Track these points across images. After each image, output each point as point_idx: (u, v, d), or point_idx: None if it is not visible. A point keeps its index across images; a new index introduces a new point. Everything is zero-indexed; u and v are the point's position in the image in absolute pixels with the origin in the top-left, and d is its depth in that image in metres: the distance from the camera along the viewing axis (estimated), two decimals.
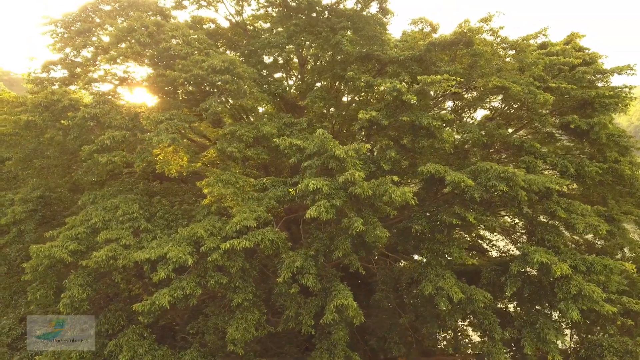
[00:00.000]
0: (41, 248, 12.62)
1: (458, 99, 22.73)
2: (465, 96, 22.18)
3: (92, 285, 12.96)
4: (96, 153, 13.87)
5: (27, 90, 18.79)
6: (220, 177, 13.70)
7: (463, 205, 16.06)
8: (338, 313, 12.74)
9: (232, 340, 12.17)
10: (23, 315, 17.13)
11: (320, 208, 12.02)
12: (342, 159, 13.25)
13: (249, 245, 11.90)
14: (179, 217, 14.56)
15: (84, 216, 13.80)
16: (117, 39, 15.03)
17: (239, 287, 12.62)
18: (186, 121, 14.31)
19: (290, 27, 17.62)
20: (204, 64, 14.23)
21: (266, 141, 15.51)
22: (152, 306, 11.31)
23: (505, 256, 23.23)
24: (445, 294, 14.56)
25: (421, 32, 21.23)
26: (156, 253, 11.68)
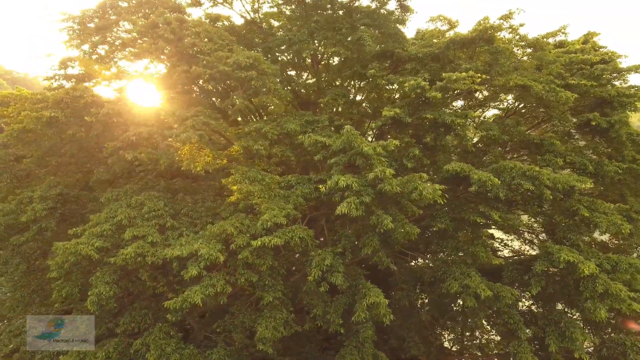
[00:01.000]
0: (67, 245, 12.48)
1: (470, 98, 22.65)
2: (476, 95, 22.07)
3: (118, 282, 12.82)
4: (122, 150, 13.73)
5: (45, 87, 18.66)
6: (247, 175, 13.58)
7: (487, 204, 15.96)
8: (368, 311, 12.61)
9: (262, 339, 12.04)
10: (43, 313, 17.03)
11: (351, 205, 11.92)
12: (370, 155, 13.13)
13: (280, 243, 11.78)
14: (203, 215, 14.42)
15: (108, 213, 13.66)
16: (141, 35, 14.90)
17: (268, 285, 12.50)
18: (211, 118, 14.17)
19: (311, 24, 17.50)
20: (229, 60, 14.11)
21: (289, 138, 15.40)
22: (184, 303, 11.18)
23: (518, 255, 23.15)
24: (472, 291, 14.46)
25: (438, 30, 21.14)
26: (187, 250, 11.56)
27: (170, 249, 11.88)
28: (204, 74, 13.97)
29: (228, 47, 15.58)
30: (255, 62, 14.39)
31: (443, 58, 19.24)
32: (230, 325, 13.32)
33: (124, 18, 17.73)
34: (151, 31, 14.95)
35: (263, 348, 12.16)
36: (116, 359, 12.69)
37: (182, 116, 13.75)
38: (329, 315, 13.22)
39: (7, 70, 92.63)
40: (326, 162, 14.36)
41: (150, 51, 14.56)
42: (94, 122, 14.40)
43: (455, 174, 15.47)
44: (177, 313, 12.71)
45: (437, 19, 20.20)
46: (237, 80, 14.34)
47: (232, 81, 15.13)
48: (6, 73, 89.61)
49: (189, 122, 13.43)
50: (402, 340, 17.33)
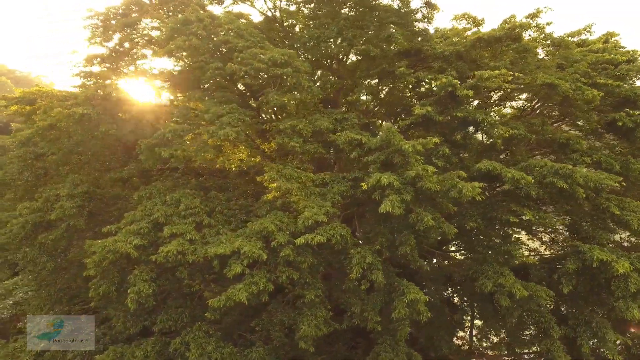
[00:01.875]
0: (105, 242, 12.38)
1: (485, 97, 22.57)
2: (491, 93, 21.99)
3: (156, 280, 12.72)
4: (157, 147, 13.64)
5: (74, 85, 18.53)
6: (283, 172, 13.49)
7: (517, 202, 15.92)
8: (408, 308, 12.54)
9: (303, 337, 11.97)
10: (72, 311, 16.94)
11: (394, 203, 11.85)
12: (408, 153, 13.07)
13: (323, 240, 11.72)
14: (237, 213, 14.34)
15: (143, 211, 13.56)
16: (173, 31, 14.79)
17: (309, 283, 12.42)
18: (245, 115, 14.09)
19: (340, 22, 17.42)
20: (263, 57, 14.03)
21: (320, 136, 15.33)
22: (227, 301, 11.09)
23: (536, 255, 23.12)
24: (506, 291, 14.41)
25: (461, 28, 21.09)
26: (229, 248, 11.47)
27: (213, 246, 11.80)
28: (239, 71, 13.87)
29: (259, 45, 15.49)
30: (289, 59, 14.33)
31: (466, 57, 19.22)
32: (269, 324, 13.23)
33: (150, 15, 17.65)
34: (183, 28, 14.84)
35: (305, 346, 12.09)
36: (154, 357, 12.57)
37: (217, 113, 13.66)
38: (367, 313, 13.14)
39: (10, 70, 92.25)
40: (361, 160, 14.30)
41: (184, 48, 14.44)
42: (126, 119, 14.29)
43: (487, 172, 15.42)
44: (216, 311, 12.64)
45: (462, 17, 20.15)
46: (272, 77, 14.26)
47: (264, 78, 15.05)
48: (9, 72, 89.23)
49: (225, 119, 13.35)
50: (431, 339, 17.28)
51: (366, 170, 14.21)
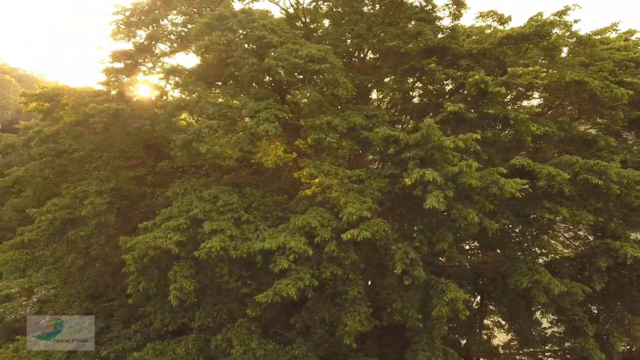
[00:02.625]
0: (146, 238, 12.29)
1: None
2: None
3: (195, 277, 12.63)
4: (193, 142, 13.54)
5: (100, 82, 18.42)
6: (321, 168, 13.42)
7: (549, 199, 15.89)
8: (448, 306, 12.49)
9: (347, 333, 11.90)
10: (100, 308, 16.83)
11: (439, 199, 11.80)
12: (450, 149, 13.02)
13: (368, 236, 11.65)
14: (272, 209, 14.26)
15: (180, 207, 13.45)
16: (208, 26, 14.69)
17: (352, 279, 12.36)
18: (281, 111, 14.01)
19: (371, 18, 17.36)
20: (301, 53, 13.94)
21: (354, 132, 15.25)
22: (274, 297, 11.01)
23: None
24: (542, 287, 14.38)
25: (485, 26, 21.03)
26: (275, 243, 11.39)
27: (257, 242, 11.72)
28: (277, 67, 13.79)
29: (292, 40, 15.42)
30: (326, 55, 14.25)
31: (490, 55, 19.17)
32: (308, 320, 13.15)
33: (178, 11, 17.56)
34: (217, 23, 14.75)
35: (348, 342, 12.02)
36: (195, 354, 12.47)
37: (255, 108, 13.57)
38: (406, 310, 13.07)
39: (13, 68, 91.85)
40: (397, 157, 14.25)
41: (220, 43, 14.33)
42: (161, 114, 14.18)
43: (521, 168, 15.38)
44: (257, 308, 12.58)
45: (487, 15, 20.08)
46: (307, 73, 14.18)
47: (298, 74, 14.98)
48: (12, 70, 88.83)
49: (263, 115, 13.26)
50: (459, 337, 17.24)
51: (402, 167, 14.15)
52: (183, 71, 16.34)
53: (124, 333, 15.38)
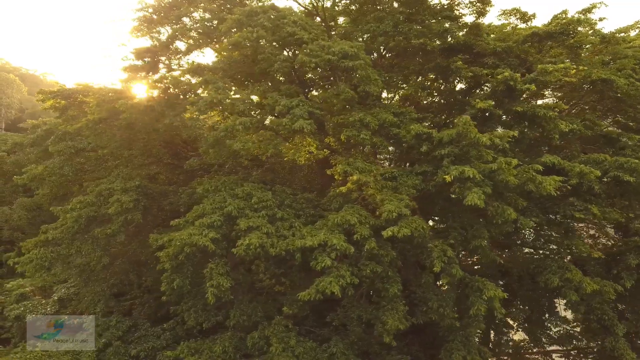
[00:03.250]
0: (182, 235, 12.17)
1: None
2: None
3: (230, 274, 12.52)
4: (228, 139, 13.43)
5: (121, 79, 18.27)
6: (355, 165, 13.32)
7: (578, 197, 15.83)
8: (486, 304, 12.41)
9: (387, 332, 11.81)
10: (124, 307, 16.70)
11: (480, 195, 11.73)
12: (486, 146, 12.94)
13: (408, 233, 11.56)
14: (304, 206, 14.16)
15: (213, 204, 13.33)
16: (238, 23, 14.58)
17: (390, 276, 12.26)
18: (313, 107, 13.92)
19: (397, 15, 17.26)
20: (334, 49, 13.85)
21: (384, 129, 15.16)
22: (316, 295, 10.91)
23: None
24: (573, 286, 14.32)
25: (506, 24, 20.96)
26: (317, 240, 11.28)
27: (297, 239, 11.61)
28: (310, 63, 13.69)
29: (321, 37, 15.32)
30: (358, 52, 14.16)
31: (513, 53, 19.11)
32: (345, 318, 13.05)
33: (204, 8, 17.46)
34: (248, 19, 14.63)
35: (388, 341, 11.94)
36: (232, 353, 12.36)
37: (288, 105, 13.47)
38: (442, 309, 12.99)
39: (16, 67, 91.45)
40: (430, 154, 14.16)
41: (250, 39, 14.22)
42: (192, 111, 14.05)
43: (552, 166, 15.31)
44: (293, 305, 12.48)
45: (510, 13, 20.01)
46: (341, 70, 14.09)
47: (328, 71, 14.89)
48: (15, 69, 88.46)
49: (297, 111, 13.16)
50: (487, 336, 17.16)
51: (435, 164, 14.07)
52: (210, 68, 16.18)
53: (152, 332, 15.25)
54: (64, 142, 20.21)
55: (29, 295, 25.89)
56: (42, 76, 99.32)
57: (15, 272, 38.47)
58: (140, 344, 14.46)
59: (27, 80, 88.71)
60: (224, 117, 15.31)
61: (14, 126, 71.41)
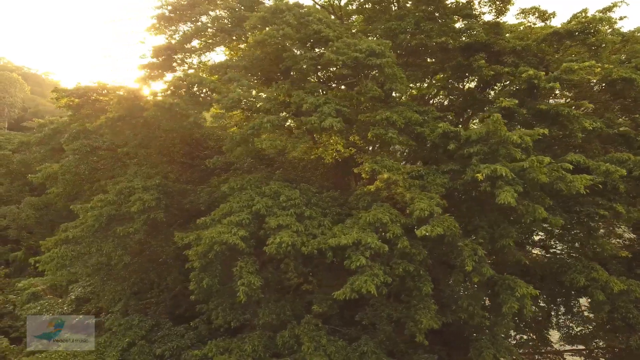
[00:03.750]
0: (212, 233, 12.07)
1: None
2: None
3: (259, 273, 12.43)
4: (254, 137, 13.35)
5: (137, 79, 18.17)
6: (384, 164, 13.25)
7: (603, 196, 15.78)
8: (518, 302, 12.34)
9: (420, 331, 11.75)
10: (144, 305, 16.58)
11: (513, 194, 11.67)
12: (516, 144, 12.89)
13: (441, 232, 11.49)
14: (330, 205, 14.08)
15: (240, 202, 13.23)
16: (263, 20, 14.50)
17: (422, 275, 12.19)
18: (340, 105, 13.84)
19: (418, 14, 17.21)
20: (361, 47, 13.78)
21: (408, 128, 15.10)
22: (352, 294, 10.83)
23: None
24: (599, 285, 14.27)
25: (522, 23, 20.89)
26: (351, 239, 11.20)
27: (329, 237, 11.54)
28: (337, 61, 13.61)
29: (345, 35, 15.25)
30: (384, 50, 14.09)
31: (531, 51, 19.06)
32: (374, 317, 12.97)
33: (223, 6, 17.38)
34: (273, 17, 14.55)
35: (420, 340, 11.87)
36: (262, 352, 12.27)
37: (315, 103, 13.39)
38: (472, 307, 12.92)
39: (18, 66, 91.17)
40: (456, 152, 14.10)
41: (276, 37, 14.12)
42: (218, 108, 13.96)
43: (577, 164, 15.25)
44: (323, 304, 12.41)
45: (529, 12, 19.95)
46: (368, 67, 14.01)
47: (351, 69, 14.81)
48: (17, 69, 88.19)
49: (326, 109, 13.08)
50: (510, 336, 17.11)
51: (463, 163, 14.01)
52: (233, 66, 16.08)
53: (175, 331, 15.13)
54: (78, 140, 20.16)
55: (40, 294, 25.80)
56: (44, 75, 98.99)
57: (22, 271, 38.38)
58: (165, 343, 14.34)
59: (29, 79, 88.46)
60: (249, 115, 15.21)
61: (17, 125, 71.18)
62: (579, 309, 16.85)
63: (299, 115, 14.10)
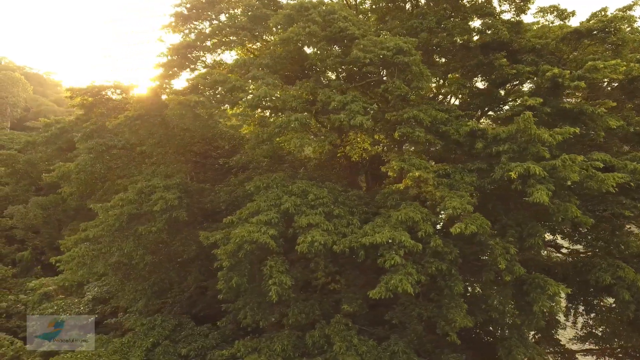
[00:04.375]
0: (242, 232, 11.95)
1: None
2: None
3: (289, 272, 12.33)
4: (279, 136, 13.25)
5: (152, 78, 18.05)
6: (412, 162, 13.17)
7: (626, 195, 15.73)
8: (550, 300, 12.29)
9: (452, 329, 11.67)
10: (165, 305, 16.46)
11: (548, 193, 11.62)
12: (548, 143, 12.84)
13: (475, 230, 11.41)
14: (357, 203, 13.99)
15: (267, 201, 13.13)
16: (288, 18, 14.40)
17: (453, 274, 12.11)
18: (368, 103, 13.76)
19: (440, 12, 17.14)
20: (388, 45, 13.69)
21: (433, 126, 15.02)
22: (387, 293, 10.74)
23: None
24: (625, 284, 14.22)
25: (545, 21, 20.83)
26: (384, 237, 11.11)
27: (361, 236, 11.45)
28: (364, 59, 13.52)
29: (369, 32, 15.17)
30: (411, 48, 14.02)
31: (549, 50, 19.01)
32: (402, 316, 12.89)
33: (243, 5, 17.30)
34: (298, 15, 14.45)
35: (453, 339, 11.81)
36: (291, 351, 12.16)
37: (343, 101, 13.30)
38: (502, 306, 12.85)
39: (19, 66, 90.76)
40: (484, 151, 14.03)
41: (301, 35, 14.03)
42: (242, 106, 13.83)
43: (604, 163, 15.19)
44: (353, 304, 12.33)
45: (547, 11, 19.90)
46: (394, 66, 13.93)
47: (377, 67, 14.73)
48: (19, 69, 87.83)
49: (355, 107, 12.99)
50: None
51: (490, 161, 13.95)
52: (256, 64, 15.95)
53: (198, 330, 15.02)
54: (92, 139, 20.07)
55: (52, 294, 25.67)
56: (46, 75, 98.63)
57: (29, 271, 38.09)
58: (189, 343, 14.22)
59: (31, 79, 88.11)
60: (273, 114, 15.10)
61: (19, 125, 70.88)
62: (601, 308, 16.75)
63: (324, 113, 14.01)
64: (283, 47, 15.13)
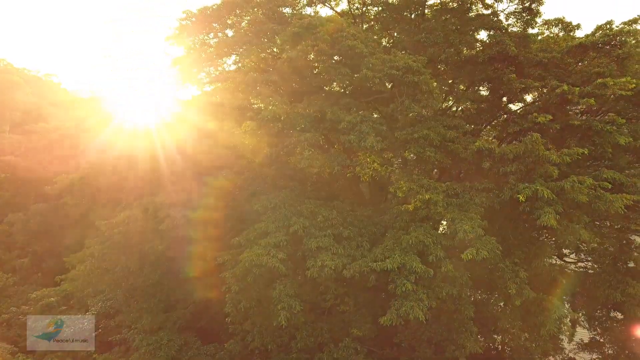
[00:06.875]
0: (250, 255, 11.86)
1: None
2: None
3: (297, 295, 12.24)
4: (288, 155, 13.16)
5: None
6: (421, 182, 13.09)
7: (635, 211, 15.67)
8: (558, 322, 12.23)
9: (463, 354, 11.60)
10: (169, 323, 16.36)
11: (555, 216, 11.56)
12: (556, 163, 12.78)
13: (486, 255, 11.33)
14: (366, 223, 13.90)
15: (275, 222, 13.03)
16: (297, 36, 14.29)
17: (464, 297, 12.04)
18: (376, 123, 13.68)
19: (448, 26, 17.06)
20: (398, 64, 13.61)
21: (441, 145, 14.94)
22: (397, 320, 10.67)
23: None
24: (636, 301, 14.18)
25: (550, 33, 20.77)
26: (396, 263, 11.04)
27: (372, 261, 11.38)
28: (374, 78, 13.43)
29: (377, 50, 15.08)
30: (420, 66, 13.93)
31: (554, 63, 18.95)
32: (413, 340, 12.82)
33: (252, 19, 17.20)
34: (306, 32, 14.34)
35: None
36: None
37: (352, 121, 13.22)
38: (513, 329, 12.79)
39: (19, 69, 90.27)
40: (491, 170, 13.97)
41: (308, 51, 13.95)
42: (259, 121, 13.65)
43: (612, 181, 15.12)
44: (363, 327, 12.25)
45: (553, 24, 19.85)
46: (404, 84, 13.84)
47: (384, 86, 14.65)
48: (18, 71, 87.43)
49: (364, 128, 12.91)
50: None
51: (498, 181, 13.88)
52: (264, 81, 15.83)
53: (204, 350, 14.95)
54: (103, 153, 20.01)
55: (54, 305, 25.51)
56: (45, 78, 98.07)
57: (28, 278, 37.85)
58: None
59: (29, 81, 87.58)
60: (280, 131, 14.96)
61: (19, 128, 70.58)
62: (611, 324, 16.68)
63: (333, 132, 13.92)
64: (291, 64, 15.02)
